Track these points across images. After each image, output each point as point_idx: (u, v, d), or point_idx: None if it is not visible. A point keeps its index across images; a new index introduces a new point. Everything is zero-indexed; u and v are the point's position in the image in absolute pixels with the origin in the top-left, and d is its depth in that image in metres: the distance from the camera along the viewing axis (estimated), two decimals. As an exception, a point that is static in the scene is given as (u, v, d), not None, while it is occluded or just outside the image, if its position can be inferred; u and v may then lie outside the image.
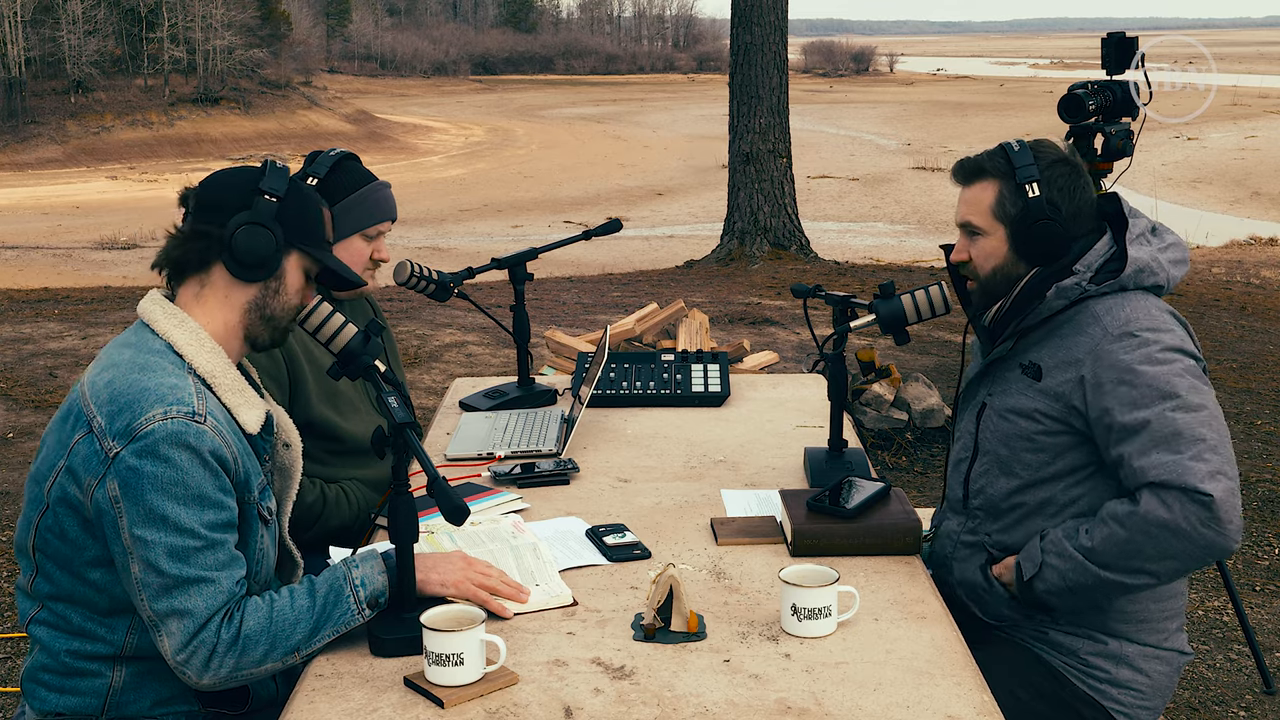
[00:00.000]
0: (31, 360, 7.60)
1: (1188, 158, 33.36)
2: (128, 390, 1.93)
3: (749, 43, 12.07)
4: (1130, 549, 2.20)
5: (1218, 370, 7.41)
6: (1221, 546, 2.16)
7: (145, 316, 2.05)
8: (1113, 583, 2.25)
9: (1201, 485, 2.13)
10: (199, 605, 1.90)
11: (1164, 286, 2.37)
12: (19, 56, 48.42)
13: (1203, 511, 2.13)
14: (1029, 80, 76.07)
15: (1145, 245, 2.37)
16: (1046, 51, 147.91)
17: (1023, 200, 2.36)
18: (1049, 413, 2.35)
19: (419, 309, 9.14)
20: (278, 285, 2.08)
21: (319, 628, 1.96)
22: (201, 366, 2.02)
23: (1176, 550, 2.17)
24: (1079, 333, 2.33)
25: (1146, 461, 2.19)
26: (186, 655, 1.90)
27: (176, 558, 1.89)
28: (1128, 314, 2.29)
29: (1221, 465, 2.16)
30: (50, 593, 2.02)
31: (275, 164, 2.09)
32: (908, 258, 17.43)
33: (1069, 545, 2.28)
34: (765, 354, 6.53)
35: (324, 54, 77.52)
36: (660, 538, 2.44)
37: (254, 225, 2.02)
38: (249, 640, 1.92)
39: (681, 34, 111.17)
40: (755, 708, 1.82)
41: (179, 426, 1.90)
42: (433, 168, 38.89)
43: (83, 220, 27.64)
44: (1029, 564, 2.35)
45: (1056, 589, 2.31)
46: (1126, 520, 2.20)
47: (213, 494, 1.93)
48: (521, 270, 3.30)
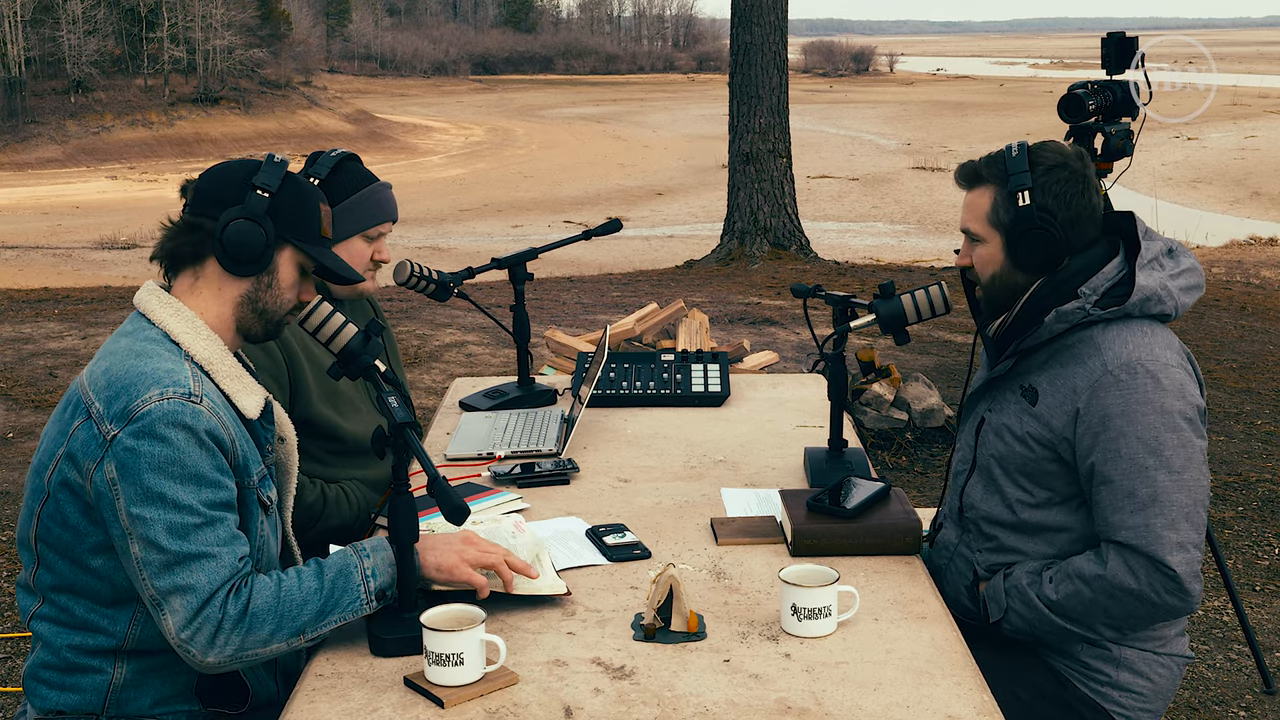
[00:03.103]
0: (31, 360, 7.60)
1: (1188, 158, 33.35)
2: (124, 375, 1.94)
3: (749, 43, 12.07)
4: (1094, 609, 2.27)
5: (1218, 370, 7.41)
6: (1184, 611, 2.25)
7: (141, 307, 2.07)
8: (1075, 634, 2.31)
9: (1168, 559, 2.18)
10: (201, 580, 1.89)
11: (1171, 315, 2.33)
12: (19, 56, 48.42)
13: (1169, 582, 2.20)
14: (1029, 80, 76.04)
15: (1157, 271, 2.32)
16: (1046, 51, 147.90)
17: (1014, 208, 2.33)
18: (1040, 439, 2.33)
19: (419, 309, 9.14)
20: (270, 280, 2.09)
21: (326, 611, 1.96)
22: (199, 354, 2.03)
23: (1140, 613, 2.25)
24: (1079, 362, 2.30)
25: (1118, 519, 2.22)
26: (191, 632, 1.89)
27: (176, 534, 1.89)
28: (1131, 349, 2.25)
29: (1189, 535, 2.20)
30: (52, 584, 2.02)
31: (274, 159, 2.09)
32: (908, 258, 17.43)
33: (1032, 594, 2.32)
34: (765, 354, 6.53)
35: (324, 54, 77.50)
36: (660, 538, 2.44)
37: (244, 220, 2.02)
38: (256, 617, 1.91)
39: (681, 34, 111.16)
40: (755, 708, 1.82)
41: (175, 406, 1.91)
42: (433, 168, 38.88)
43: (83, 220, 27.63)
44: (994, 606, 2.38)
45: (1022, 632, 2.36)
46: (1093, 583, 2.24)
47: (210, 473, 1.93)
48: (521, 270, 3.30)
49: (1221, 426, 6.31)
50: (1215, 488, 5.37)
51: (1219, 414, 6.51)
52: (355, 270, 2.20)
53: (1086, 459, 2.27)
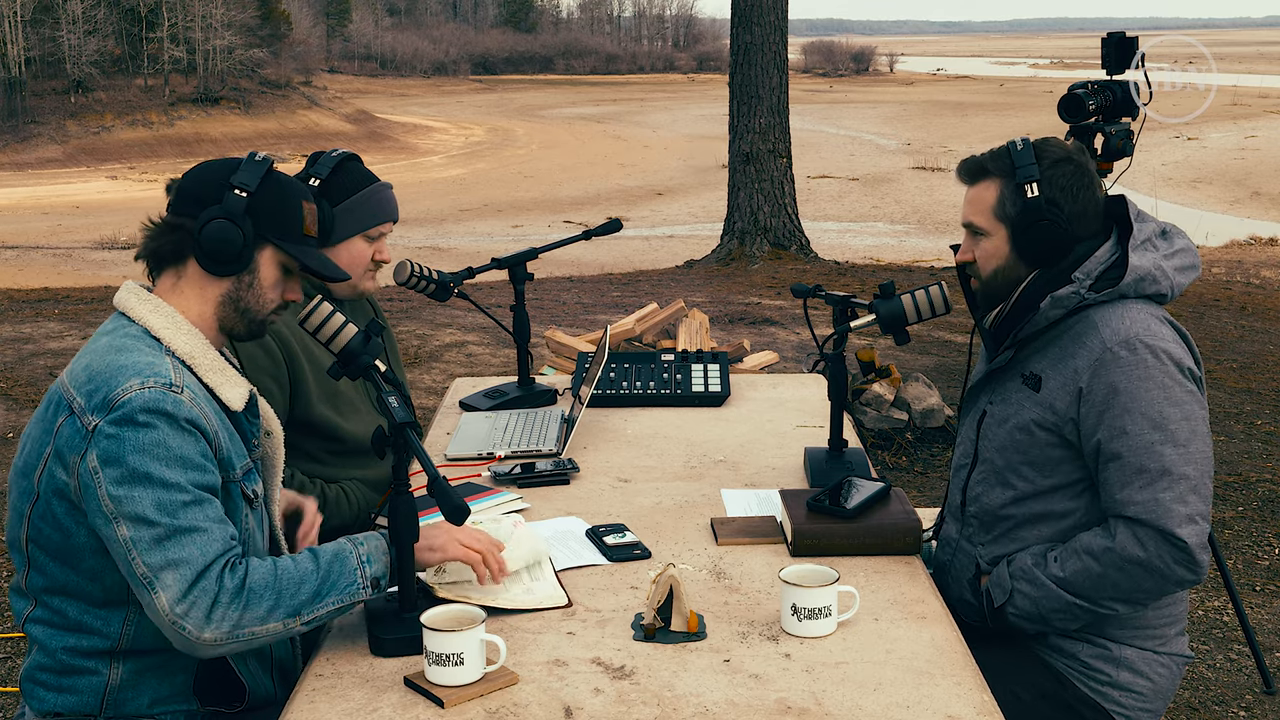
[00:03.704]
0: (31, 360, 7.60)
1: (1188, 158, 33.34)
2: (104, 369, 1.95)
3: (749, 43, 12.07)
4: (1104, 583, 2.26)
5: (1218, 370, 7.41)
6: (1192, 581, 2.25)
7: (121, 305, 2.07)
8: (1083, 609, 2.29)
9: (1178, 530, 2.18)
10: (194, 554, 1.88)
11: (1167, 295, 2.34)
12: (19, 56, 48.42)
13: (1178, 554, 2.20)
14: (1029, 80, 76.02)
15: (1150, 252, 2.34)
16: (1046, 51, 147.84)
17: (1022, 200, 2.35)
18: (1045, 424, 2.34)
19: (419, 309, 9.14)
20: (251, 279, 2.09)
21: (323, 592, 1.95)
22: (179, 348, 2.03)
23: (1149, 586, 2.24)
24: (1078, 344, 2.31)
25: (1125, 494, 2.22)
26: (187, 606, 1.87)
27: (165, 510, 1.88)
28: (1129, 326, 2.27)
29: (1199, 507, 2.21)
30: (44, 586, 2.02)
31: (254, 158, 2.08)
32: (908, 258, 17.43)
33: (1039, 573, 2.31)
34: (765, 354, 6.53)
35: (324, 54, 77.47)
36: (660, 538, 2.44)
37: (221, 220, 2.02)
38: (254, 592, 1.90)
39: (681, 34, 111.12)
40: (755, 708, 1.82)
41: (155, 394, 1.91)
42: (433, 168, 38.87)
43: (83, 220, 27.63)
44: (999, 591, 2.37)
45: (1028, 614, 2.34)
46: (1102, 556, 2.24)
47: (195, 457, 1.93)
48: (521, 270, 3.30)
49: (1221, 426, 6.31)
50: (1216, 488, 5.37)
51: (1219, 414, 6.50)
52: (340, 269, 2.18)
53: (1092, 437, 2.27)
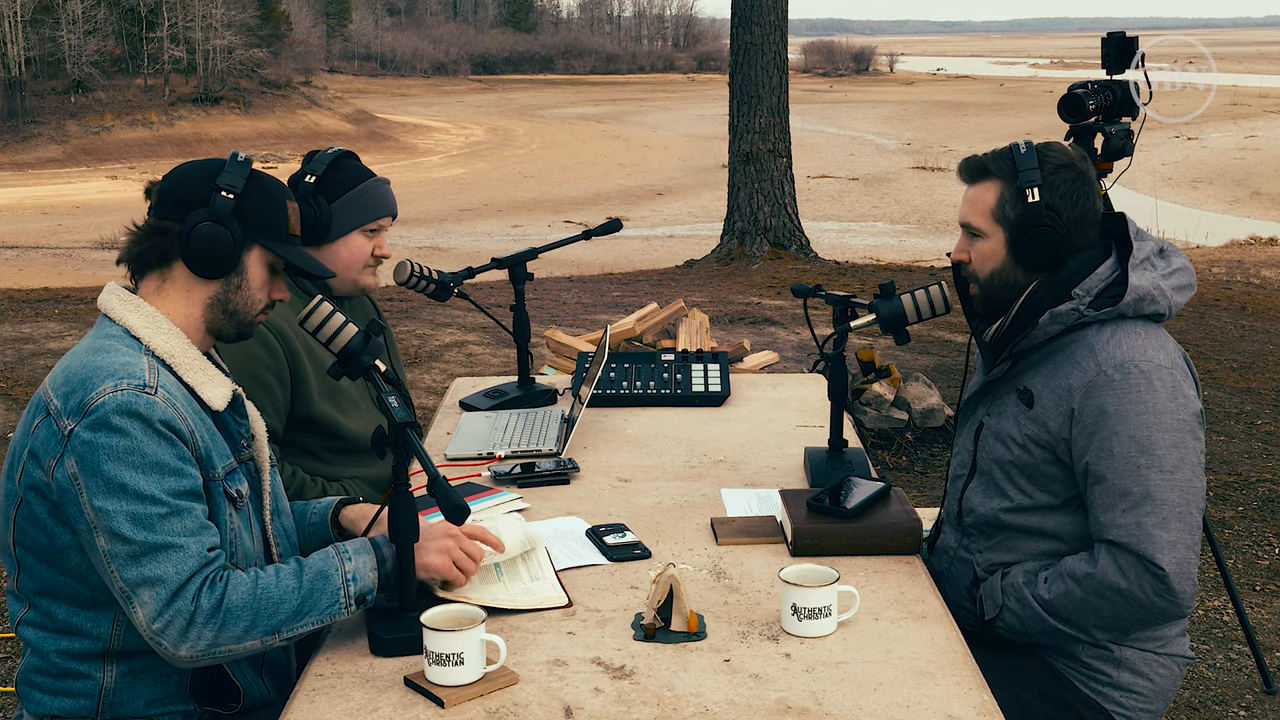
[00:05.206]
0: (31, 360, 7.59)
1: (1188, 158, 33.36)
2: (81, 371, 1.94)
3: (749, 43, 12.07)
4: (1085, 609, 2.26)
5: (1217, 370, 7.41)
6: (1174, 614, 2.24)
7: (103, 307, 2.06)
8: (1067, 635, 2.30)
9: (1157, 557, 2.18)
10: (169, 572, 1.88)
11: (1165, 314, 2.34)
12: (19, 56, 48.43)
13: (1157, 583, 2.19)
14: (1029, 80, 76.06)
15: (1149, 271, 2.33)
16: (1046, 51, 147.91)
17: (1022, 204, 2.34)
18: (1039, 441, 2.34)
19: (419, 309, 9.14)
20: (239, 281, 2.08)
21: (303, 612, 1.95)
22: (159, 348, 2.02)
23: (1129, 615, 2.24)
24: (1073, 363, 2.30)
25: (1109, 517, 2.22)
26: (162, 624, 1.88)
27: (140, 524, 1.88)
28: (1124, 350, 2.26)
29: (1181, 534, 2.20)
30: (34, 588, 2.01)
31: (237, 158, 2.08)
32: (908, 258, 17.43)
33: (1027, 593, 2.32)
34: (765, 354, 6.52)
35: (324, 54, 77.45)
36: (660, 537, 2.44)
37: (210, 223, 2.01)
38: (231, 613, 1.90)
39: (681, 34, 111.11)
40: (755, 708, 1.82)
41: (128, 397, 1.90)
42: (433, 167, 38.89)
43: (83, 220, 27.64)
44: (990, 604, 2.38)
45: (1016, 632, 2.36)
46: (1084, 582, 2.25)
47: (171, 462, 1.92)
48: (521, 270, 3.30)
49: (1221, 426, 6.31)
50: (1215, 488, 5.37)
51: (1219, 414, 6.51)
52: (326, 266, 2.18)
53: (1081, 459, 2.28)
